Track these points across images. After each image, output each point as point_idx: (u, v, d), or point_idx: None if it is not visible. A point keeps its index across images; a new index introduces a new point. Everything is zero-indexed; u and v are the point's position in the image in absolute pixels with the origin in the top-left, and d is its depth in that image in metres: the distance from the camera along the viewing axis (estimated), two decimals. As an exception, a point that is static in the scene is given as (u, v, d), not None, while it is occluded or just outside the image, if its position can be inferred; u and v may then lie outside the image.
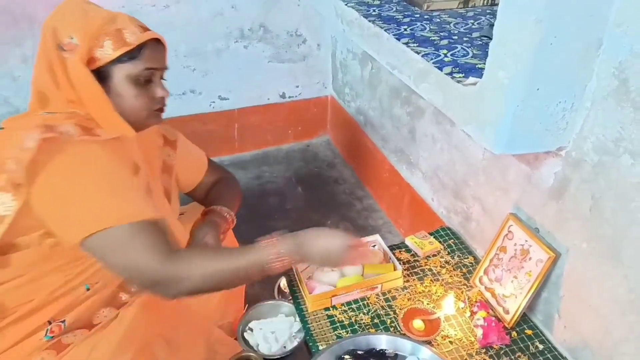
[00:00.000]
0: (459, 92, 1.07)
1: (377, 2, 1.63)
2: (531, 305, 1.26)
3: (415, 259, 1.51)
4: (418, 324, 1.27)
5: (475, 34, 1.36)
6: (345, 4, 1.58)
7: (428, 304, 1.35)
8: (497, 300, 1.30)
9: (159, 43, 1.09)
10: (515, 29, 0.90)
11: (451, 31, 1.39)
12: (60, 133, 0.95)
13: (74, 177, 0.95)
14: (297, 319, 1.39)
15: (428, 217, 1.78)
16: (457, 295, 1.36)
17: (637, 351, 1.01)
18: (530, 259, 1.23)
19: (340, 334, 1.28)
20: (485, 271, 1.36)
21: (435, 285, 1.41)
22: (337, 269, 1.43)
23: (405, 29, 1.39)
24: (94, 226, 0.93)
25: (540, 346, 1.23)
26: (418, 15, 1.52)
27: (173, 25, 2.13)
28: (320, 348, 1.23)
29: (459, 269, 1.46)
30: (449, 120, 1.51)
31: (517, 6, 0.89)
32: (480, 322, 1.24)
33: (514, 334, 1.26)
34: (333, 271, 1.43)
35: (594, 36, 0.92)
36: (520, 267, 1.25)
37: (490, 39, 0.96)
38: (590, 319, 1.11)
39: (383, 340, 1.20)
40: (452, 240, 1.58)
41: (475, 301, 1.33)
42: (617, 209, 0.99)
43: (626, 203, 0.97)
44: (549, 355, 1.21)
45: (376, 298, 1.38)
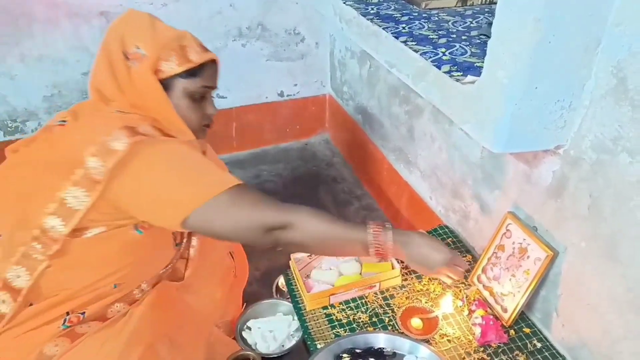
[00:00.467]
0: (458, 91, 1.07)
1: (376, 1, 1.62)
2: (529, 303, 1.26)
3: (413, 257, 1.51)
4: (416, 322, 1.27)
5: (473, 33, 1.36)
6: (344, 3, 1.58)
7: (426, 302, 1.35)
8: (495, 299, 1.30)
9: (214, 63, 1.17)
10: (514, 27, 0.90)
11: (450, 30, 1.39)
12: (144, 134, 1.01)
13: (163, 166, 1.02)
14: (295, 318, 1.39)
15: (426, 216, 1.78)
16: (455, 294, 1.36)
17: (635, 350, 1.01)
18: (528, 257, 1.23)
19: (338, 332, 1.28)
20: (484, 269, 1.36)
21: (433, 283, 1.41)
22: (335, 269, 1.43)
23: (403, 28, 1.39)
24: (198, 201, 0.98)
25: (538, 344, 1.23)
26: (416, 14, 1.52)
27: (171, 24, 2.10)
28: (318, 347, 1.23)
29: (457, 268, 1.46)
30: (447, 119, 1.51)
31: (516, 5, 0.89)
32: (479, 321, 1.24)
33: (512, 332, 1.26)
34: (331, 270, 1.43)
35: (593, 35, 0.92)
36: (519, 266, 1.25)
37: (489, 37, 0.96)
38: (588, 318, 1.11)
39: (381, 339, 1.20)
40: (451, 238, 1.58)
41: (474, 299, 1.33)
42: (616, 208, 0.99)
43: (624, 201, 0.97)
44: (547, 353, 1.21)
45: (374, 297, 1.38)
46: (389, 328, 1.29)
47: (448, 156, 1.61)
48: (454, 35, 1.34)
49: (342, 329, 1.29)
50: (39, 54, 1.98)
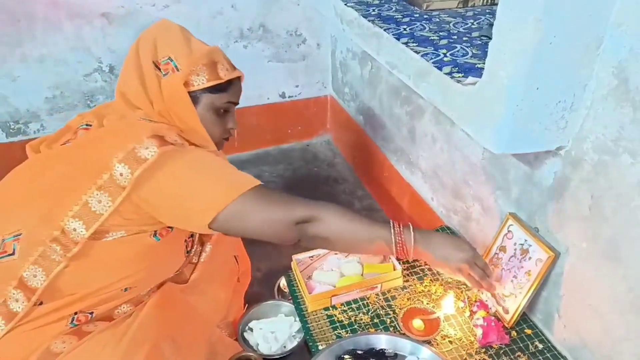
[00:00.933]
0: (459, 92, 1.07)
1: (377, 2, 1.63)
2: (531, 304, 1.26)
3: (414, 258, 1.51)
4: (418, 323, 1.27)
5: (474, 34, 1.36)
6: (345, 4, 1.58)
7: (428, 303, 1.35)
8: (497, 300, 1.30)
9: (239, 80, 1.22)
10: (515, 28, 0.90)
11: (451, 31, 1.39)
12: (173, 143, 1.05)
13: (191, 169, 1.05)
14: (297, 319, 1.39)
15: (428, 217, 1.78)
16: (457, 295, 1.36)
17: (637, 350, 1.01)
18: (529, 258, 1.23)
19: (340, 333, 1.28)
20: (485, 271, 1.36)
21: (434, 284, 1.41)
22: (337, 270, 1.43)
23: (404, 29, 1.39)
24: (224, 201, 1.02)
25: (540, 345, 1.23)
26: (417, 15, 1.52)
27: (172, 25, 2.12)
28: (320, 348, 1.23)
29: (459, 269, 1.46)
30: (448, 120, 1.50)
31: (517, 6, 0.89)
32: (480, 322, 1.24)
33: (514, 333, 1.26)
34: (332, 271, 1.43)
35: (594, 36, 0.92)
36: (520, 267, 1.25)
37: (490, 38, 0.96)
38: (589, 319, 1.11)
39: (383, 340, 1.20)
40: (452, 239, 1.58)
41: (475, 301, 1.33)
42: (617, 209, 0.99)
43: (626, 202, 0.97)
44: (548, 354, 1.21)
45: (376, 298, 1.38)
46: (391, 329, 1.29)
47: (449, 157, 1.60)
48: (455, 37, 1.34)
49: (344, 330, 1.29)
50: (40, 55, 1.99)
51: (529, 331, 1.26)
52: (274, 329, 1.44)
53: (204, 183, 1.04)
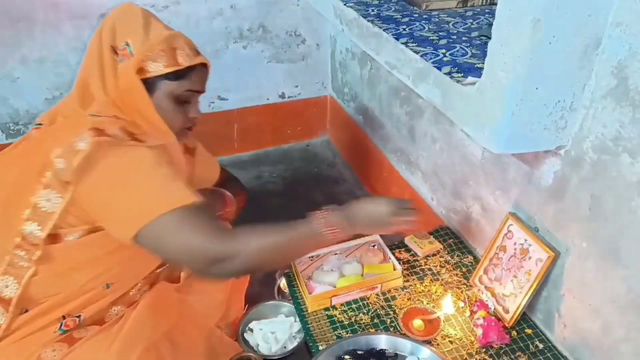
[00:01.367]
0: (458, 92, 1.07)
1: (376, 2, 1.62)
2: (531, 304, 1.26)
3: (414, 258, 1.51)
4: (418, 323, 1.27)
5: (474, 34, 1.36)
6: (344, 4, 1.58)
7: (428, 303, 1.35)
8: (497, 300, 1.30)
9: (205, 67, 1.14)
10: (514, 28, 0.90)
11: (450, 31, 1.39)
12: (111, 136, 0.99)
13: (122, 176, 0.99)
14: (297, 319, 1.39)
15: (427, 217, 1.78)
16: (457, 295, 1.36)
17: (637, 350, 1.01)
18: (529, 258, 1.23)
19: (340, 334, 1.28)
20: (485, 270, 1.36)
21: (435, 284, 1.41)
22: (337, 270, 1.43)
23: (404, 29, 1.39)
24: (147, 217, 0.96)
25: (540, 345, 1.23)
26: (417, 15, 1.51)
27: (172, 26, 2.07)
28: (320, 348, 1.23)
29: (459, 269, 1.46)
30: (448, 120, 1.50)
31: (516, 6, 0.89)
32: (480, 322, 1.24)
33: (514, 333, 1.26)
34: (332, 271, 1.43)
35: (593, 36, 0.92)
36: (520, 267, 1.25)
37: (489, 38, 0.96)
38: (590, 318, 1.11)
39: (383, 340, 1.20)
40: (452, 239, 1.58)
41: (475, 300, 1.33)
42: (617, 208, 0.99)
43: (625, 202, 0.97)
44: (548, 354, 1.21)
45: (376, 298, 1.38)
46: (391, 329, 1.29)
47: (449, 157, 1.60)
48: (455, 37, 1.34)
49: (344, 331, 1.29)
50: (40, 56, 1.99)
51: (529, 331, 1.26)
52: (274, 329, 1.44)
53: (130, 193, 0.99)
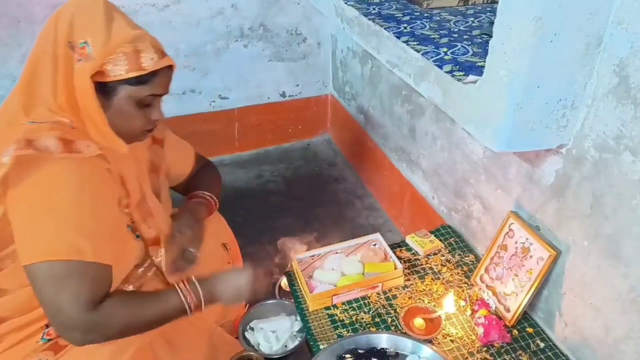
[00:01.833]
0: (459, 91, 1.07)
1: (377, 0, 1.62)
2: (532, 303, 1.26)
3: (416, 257, 1.51)
4: (419, 322, 1.27)
5: (475, 32, 1.36)
6: (345, 3, 1.58)
7: (429, 302, 1.35)
8: (498, 299, 1.30)
9: (170, 69, 1.06)
10: (516, 26, 0.89)
11: (451, 29, 1.38)
12: (38, 149, 0.92)
13: (31, 204, 0.95)
14: (298, 318, 1.39)
15: (429, 216, 1.78)
16: (458, 294, 1.36)
17: (638, 349, 1.01)
18: (531, 257, 1.22)
19: (341, 333, 1.28)
20: (486, 269, 1.36)
21: (436, 283, 1.41)
22: (338, 269, 1.43)
23: (405, 27, 1.38)
24: (34, 256, 0.93)
25: (541, 344, 1.22)
26: (418, 14, 1.51)
27: (173, 25, 2.13)
28: (321, 347, 1.23)
29: (460, 268, 1.46)
30: (449, 119, 1.50)
31: (517, 4, 0.89)
32: (481, 321, 1.24)
33: (515, 332, 1.25)
34: (333, 270, 1.43)
35: (594, 34, 0.91)
36: (521, 265, 1.25)
37: (491, 36, 0.96)
38: (591, 317, 1.11)
39: (384, 339, 1.20)
40: (453, 238, 1.58)
41: (476, 299, 1.33)
42: (618, 207, 0.99)
43: (627, 200, 0.96)
44: (549, 353, 1.21)
45: (377, 297, 1.38)
46: (392, 328, 1.29)
47: (450, 155, 1.60)
48: (456, 35, 1.34)
49: (345, 330, 1.29)
50: (41, 56, 1.99)
51: (530, 330, 1.26)
52: (275, 328, 1.44)
53: (32, 225, 0.95)
